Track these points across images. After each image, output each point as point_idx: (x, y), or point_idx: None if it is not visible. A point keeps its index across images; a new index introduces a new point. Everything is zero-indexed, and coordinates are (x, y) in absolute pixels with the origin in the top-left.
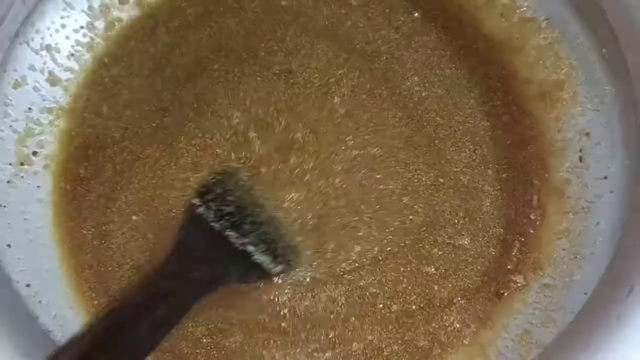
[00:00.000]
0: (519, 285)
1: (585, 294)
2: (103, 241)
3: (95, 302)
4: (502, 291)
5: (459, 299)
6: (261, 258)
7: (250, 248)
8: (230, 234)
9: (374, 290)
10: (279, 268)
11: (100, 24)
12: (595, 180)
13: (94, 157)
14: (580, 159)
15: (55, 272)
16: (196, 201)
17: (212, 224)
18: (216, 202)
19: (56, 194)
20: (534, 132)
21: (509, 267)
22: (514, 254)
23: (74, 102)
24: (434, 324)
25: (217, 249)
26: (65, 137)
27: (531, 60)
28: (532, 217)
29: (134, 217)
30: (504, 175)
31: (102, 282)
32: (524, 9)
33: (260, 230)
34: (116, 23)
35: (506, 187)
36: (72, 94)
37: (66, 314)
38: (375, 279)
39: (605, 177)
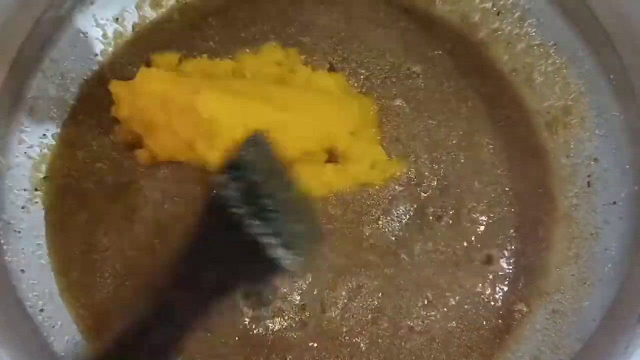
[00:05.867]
0: (524, 312)
1: (594, 320)
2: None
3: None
4: (508, 322)
5: (465, 333)
6: (278, 252)
7: (268, 240)
8: (250, 221)
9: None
10: (295, 264)
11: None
12: (603, 206)
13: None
14: (589, 184)
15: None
16: (221, 178)
17: (234, 208)
18: (240, 181)
19: (53, 215)
20: (542, 157)
21: (513, 298)
22: (520, 284)
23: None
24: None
25: (230, 246)
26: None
27: (539, 87)
28: (538, 247)
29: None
30: (511, 205)
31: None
32: (533, 34)
33: (279, 216)
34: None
35: (512, 215)
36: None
37: (78, 339)
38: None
39: (614, 203)
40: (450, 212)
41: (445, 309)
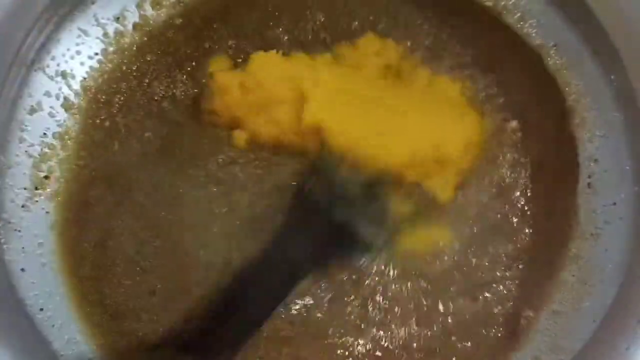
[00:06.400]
0: (530, 317)
1: (595, 321)
2: (105, 264)
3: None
4: (513, 326)
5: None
6: (363, 231)
7: (353, 222)
8: (337, 209)
9: None
10: (380, 241)
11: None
12: (604, 207)
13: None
14: (589, 185)
15: (68, 296)
16: (307, 179)
17: (320, 199)
18: (321, 181)
19: (60, 217)
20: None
21: (517, 301)
22: (523, 287)
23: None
24: None
25: (319, 229)
26: (77, 160)
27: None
28: (540, 248)
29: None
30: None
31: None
32: (533, 35)
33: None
34: (126, 51)
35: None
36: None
37: (78, 338)
38: None
39: (614, 204)
40: None
41: (448, 315)
